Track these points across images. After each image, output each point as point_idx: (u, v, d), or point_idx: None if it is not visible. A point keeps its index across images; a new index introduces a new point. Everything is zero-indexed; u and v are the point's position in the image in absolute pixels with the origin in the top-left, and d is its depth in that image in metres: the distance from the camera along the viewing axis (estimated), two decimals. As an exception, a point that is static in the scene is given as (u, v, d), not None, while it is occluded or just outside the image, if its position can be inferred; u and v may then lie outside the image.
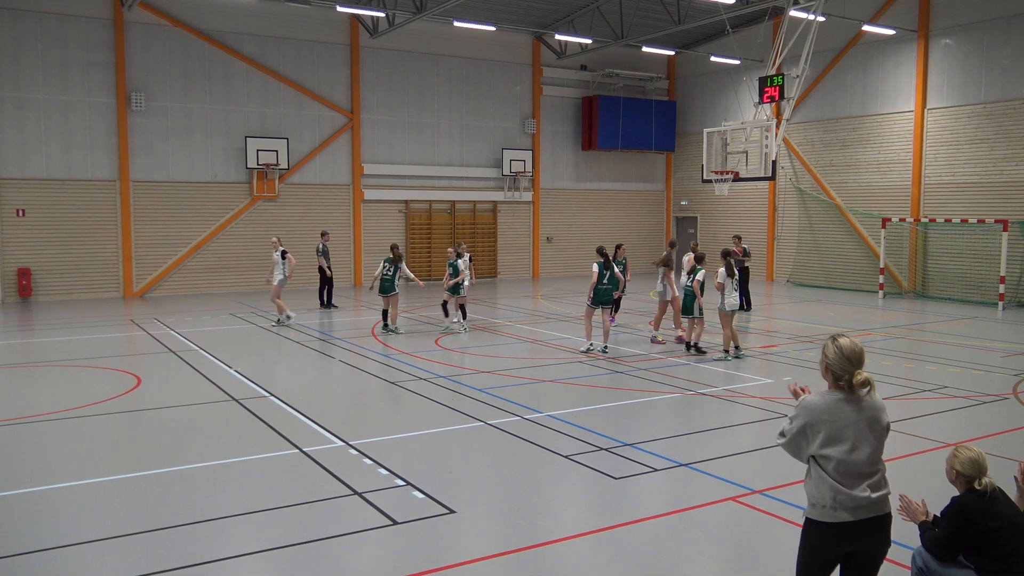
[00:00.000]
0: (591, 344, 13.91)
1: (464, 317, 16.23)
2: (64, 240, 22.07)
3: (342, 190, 25.89)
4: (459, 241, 21.22)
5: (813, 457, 3.91)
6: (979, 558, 4.49)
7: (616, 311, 17.76)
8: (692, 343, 13.79)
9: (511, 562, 5.71)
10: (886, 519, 3.96)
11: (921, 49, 23.29)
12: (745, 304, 19.40)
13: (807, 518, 4.01)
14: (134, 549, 5.89)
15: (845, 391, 3.89)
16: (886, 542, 4.01)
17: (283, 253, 17.16)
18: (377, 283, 15.93)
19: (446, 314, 16.78)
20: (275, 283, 17.14)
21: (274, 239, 17.89)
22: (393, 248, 16.40)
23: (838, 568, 4.12)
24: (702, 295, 13.55)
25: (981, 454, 4.67)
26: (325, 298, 20.60)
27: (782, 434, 4.02)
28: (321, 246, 20.97)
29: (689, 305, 13.69)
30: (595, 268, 13.74)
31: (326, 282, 20.57)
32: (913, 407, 10.26)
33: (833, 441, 3.83)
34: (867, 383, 3.84)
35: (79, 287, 22.28)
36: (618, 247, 16.56)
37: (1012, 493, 4.86)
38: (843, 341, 3.87)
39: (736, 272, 13.70)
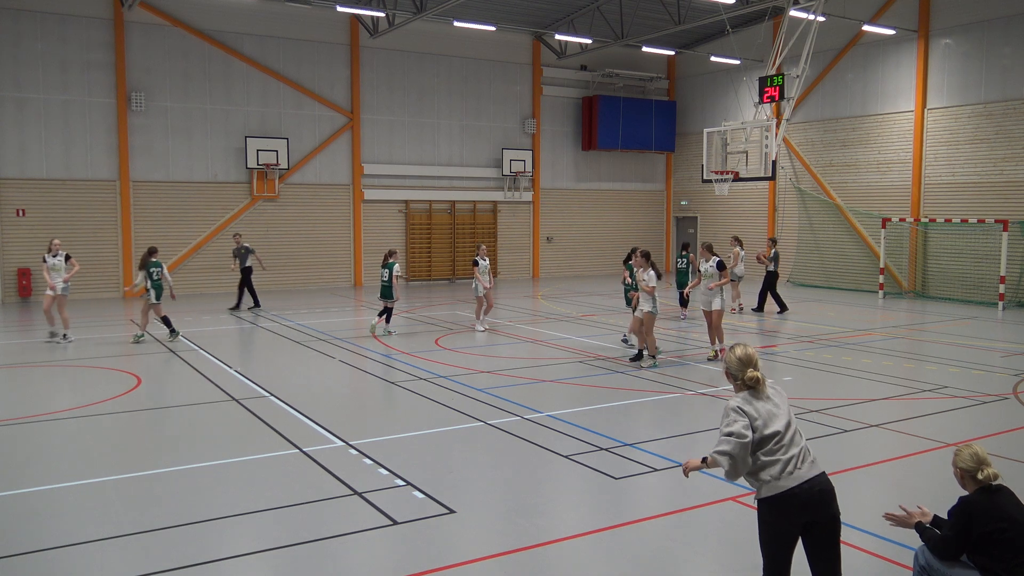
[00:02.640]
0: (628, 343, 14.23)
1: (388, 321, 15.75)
2: (64, 240, 21.89)
3: (342, 190, 25.89)
4: (479, 243, 20.91)
5: (757, 444, 4.31)
6: (984, 559, 4.48)
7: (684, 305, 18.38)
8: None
9: (511, 562, 5.70)
10: (827, 483, 4.36)
11: (921, 49, 23.29)
12: (761, 306, 19.20)
13: (759, 500, 4.39)
14: (134, 549, 5.89)
15: (749, 389, 4.49)
16: (834, 507, 4.36)
17: (67, 256, 14.98)
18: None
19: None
20: (58, 292, 14.69)
21: (56, 240, 15.41)
22: (150, 251, 15.34)
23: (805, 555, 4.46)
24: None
25: (980, 448, 4.68)
26: (244, 298, 19.89)
27: (730, 436, 4.28)
28: (239, 247, 19.97)
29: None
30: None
31: (246, 281, 19.87)
32: (913, 407, 10.26)
33: (768, 423, 4.36)
34: (756, 379, 4.46)
35: (79, 287, 22.20)
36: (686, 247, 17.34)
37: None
38: (738, 349, 4.57)
39: (660, 275, 13.75)
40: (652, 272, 12.77)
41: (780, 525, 4.33)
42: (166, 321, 15.21)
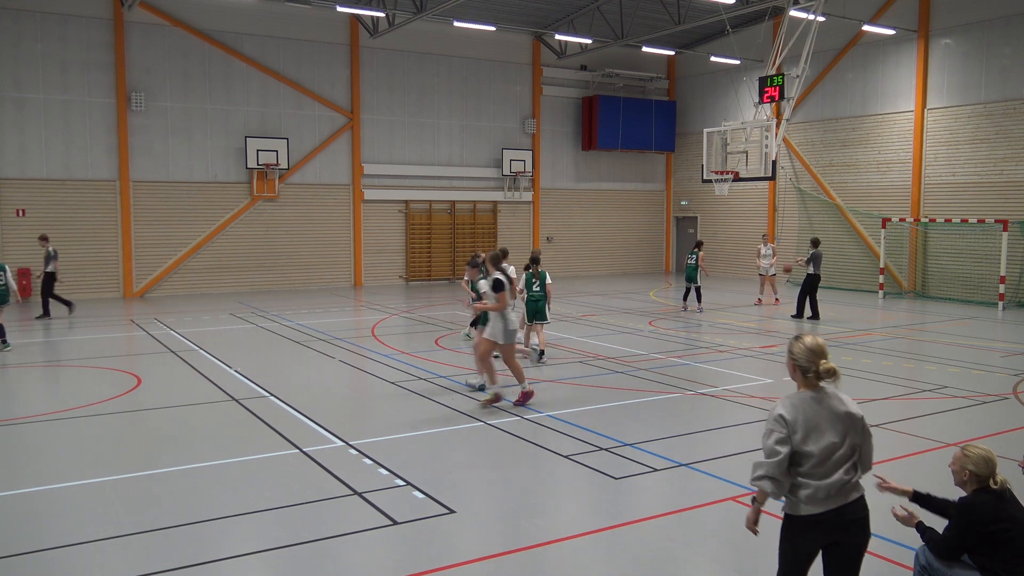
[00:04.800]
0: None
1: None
2: (64, 240, 22.03)
3: (342, 190, 25.89)
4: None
5: (791, 458, 4.02)
6: (985, 559, 4.48)
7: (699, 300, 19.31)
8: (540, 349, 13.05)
9: (511, 562, 5.70)
10: (862, 508, 4.05)
11: (921, 49, 23.29)
12: (815, 311, 18.04)
13: (787, 514, 4.13)
14: (134, 549, 5.89)
15: (813, 388, 4.07)
16: (864, 533, 4.08)
17: None
18: None
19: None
20: None
21: None
22: None
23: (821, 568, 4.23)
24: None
25: (991, 452, 4.66)
26: (48, 305, 18.43)
27: (764, 456, 4.03)
28: (49, 252, 18.41)
29: (540, 310, 13.09)
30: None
31: (48, 287, 18.40)
32: (913, 407, 10.26)
33: (808, 438, 3.98)
34: (833, 371, 4.00)
35: (79, 287, 22.26)
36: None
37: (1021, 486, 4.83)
38: (807, 339, 4.11)
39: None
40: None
41: (803, 543, 4.08)
42: (0, 331, 14.01)
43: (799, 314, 18.26)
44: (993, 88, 21.88)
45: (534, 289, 13.13)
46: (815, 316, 18.10)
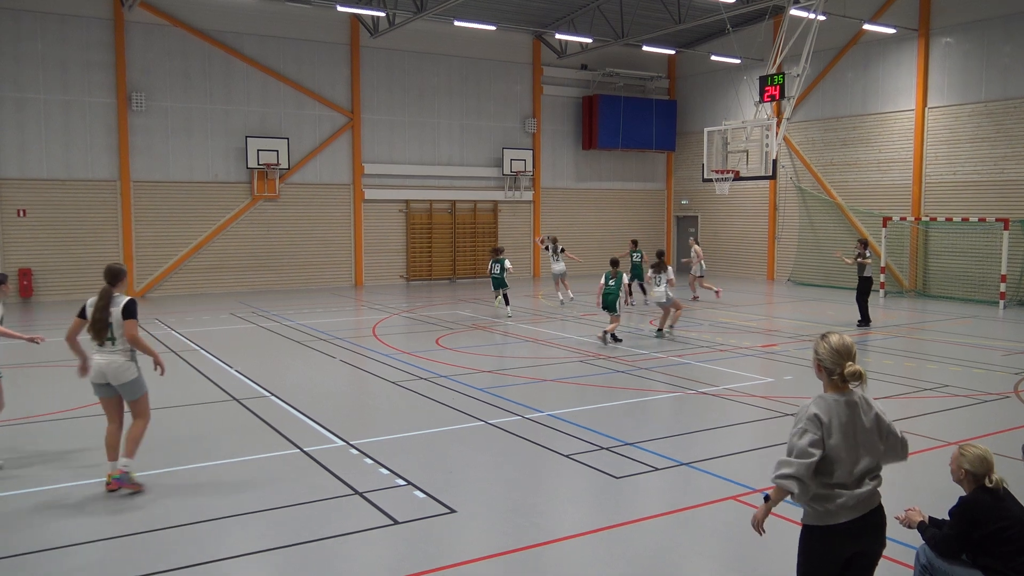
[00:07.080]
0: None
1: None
2: (64, 240, 22.07)
3: (342, 190, 25.89)
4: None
5: (816, 465, 3.86)
6: (986, 558, 4.48)
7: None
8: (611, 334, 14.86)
9: (511, 562, 5.70)
10: (882, 517, 3.98)
11: (922, 48, 23.26)
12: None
13: (807, 525, 3.97)
14: (134, 549, 5.88)
15: (841, 391, 3.93)
16: (882, 542, 4.00)
17: None
18: None
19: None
20: None
21: None
22: None
23: None
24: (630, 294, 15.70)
25: (987, 451, 4.66)
26: None
27: (793, 455, 3.84)
28: None
29: (613, 303, 14.83)
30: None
31: None
32: (914, 406, 10.25)
33: (841, 443, 3.85)
34: (858, 374, 3.85)
35: (79, 287, 22.25)
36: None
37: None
38: (833, 338, 3.93)
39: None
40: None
41: (827, 556, 3.91)
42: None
43: (866, 321, 17.16)
44: (994, 87, 21.85)
45: (610, 284, 14.92)
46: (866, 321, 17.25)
